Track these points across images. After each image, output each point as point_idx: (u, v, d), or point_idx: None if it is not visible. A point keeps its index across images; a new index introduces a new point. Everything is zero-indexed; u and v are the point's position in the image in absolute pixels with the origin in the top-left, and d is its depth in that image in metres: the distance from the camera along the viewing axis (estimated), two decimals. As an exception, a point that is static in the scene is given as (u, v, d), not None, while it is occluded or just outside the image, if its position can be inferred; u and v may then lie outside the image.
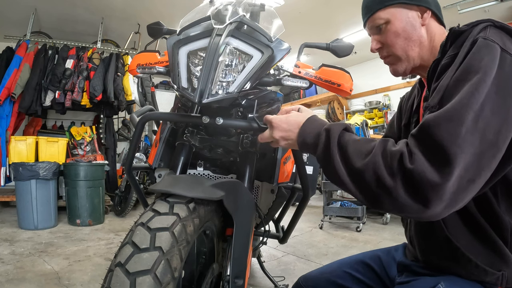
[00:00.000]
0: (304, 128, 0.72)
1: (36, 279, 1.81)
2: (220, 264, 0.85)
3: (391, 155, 0.56)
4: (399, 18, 0.79)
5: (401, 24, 0.79)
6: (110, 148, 4.55)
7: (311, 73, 1.09)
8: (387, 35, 0.81)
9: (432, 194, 0.52)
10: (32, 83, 3.89)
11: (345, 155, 0.62)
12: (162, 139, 1.13)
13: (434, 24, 0.81)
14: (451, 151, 0.52)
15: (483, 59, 0.58)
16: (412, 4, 0.79)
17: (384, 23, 0.81)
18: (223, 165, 1.14)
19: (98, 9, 4.16)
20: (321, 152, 0.67)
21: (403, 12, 0.79)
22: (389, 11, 0.80)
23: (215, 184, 0.75)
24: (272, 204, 1.22)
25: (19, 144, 3.48)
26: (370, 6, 0.84)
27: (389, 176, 0.55)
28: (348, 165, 0.61)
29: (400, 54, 0.81)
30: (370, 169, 0.57)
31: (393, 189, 0.54)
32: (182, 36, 0.86)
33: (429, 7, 0.79)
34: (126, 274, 0.53)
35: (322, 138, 0.67)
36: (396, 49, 0.81)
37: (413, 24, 0.79)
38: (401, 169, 0.54)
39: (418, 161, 0.53)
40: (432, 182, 0.51)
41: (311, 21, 4.44)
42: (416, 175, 0.52)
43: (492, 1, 3.76)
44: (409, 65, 0.82)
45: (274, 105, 1.05)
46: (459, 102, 0.56)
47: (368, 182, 0.57)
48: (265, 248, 2.53)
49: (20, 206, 3.00)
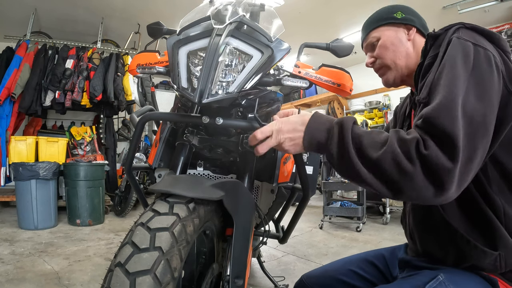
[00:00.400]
0: (312, 124, 0.71)
1: (36, 279, 1.81)
2: (220, 264, 0.85)
3: (407, 142, 0.60)
4: (387, 35, 0.94)
5: (390, 39, 0.93)
6: (110, 148, 4.55)
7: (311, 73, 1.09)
8: (378, 49, 0.95)
9: (447, 178, 0.57)
10: (32, 83, 3.90)
11: (361, 148, 0.63)
12: (162, 139, 1.13)
13: (420, 39, 0.94)
14: (454, 135, 0.58)
15: (459, 54, 0.68)
16: (399, 23, 0.94)
17: (376, 40, 0.96)
18: (223, 165, 1.14)
19: (98, 9, 4.16)
20: (334, 147, 0.66)
21: (391, 30, 0.95)
22: (380, 30, 0.96)
23: (215, 184, 0.75)
24: (272, 204, 1.22)
25: (19, 144, 3.48)
26: (365, 28, 1.00)
27: (409, 162, 0.58)
28: (365, 157, 0.62)
29: (389, 63, 0.94)
30: (389, 158, 0.60)
31: (413, 174, 0.58)
32: (182, 36, 0.86)
33: (414, 25, 0.93)
34: (126, 274, 0.53)
35: (334, 132, 0.67)
36: (385, 59, 0.94)
37: (400, 39, 0.93)
38: (419, 155, 0.58)
39: (431, 147, 0.58)
40: (446, 166, 0.57)
41: (311, 21, 4.44)
42: (433, 159, 0.57)
43: (492, 1, 3.76)
44: (398, 73, 0.93)
45: (274, 105, 1.05)
46: (448, 93, 0.63)
47: (387, 171, 0.60)
48: (265, 248, 2.53)
49: (20, 206, 3.00)
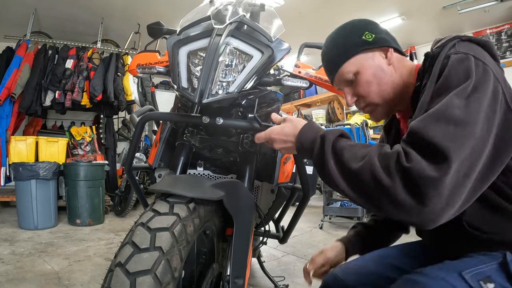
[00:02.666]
0: (301, 134, 0.74)
1: (36, 279, 1.81)
2: (220, 264, 0.85)
3: (387, 156, 0.57)
4: (366, 66, 0.79)
5: (370, 71, 0.79)
6: (110, 148, 4.54)
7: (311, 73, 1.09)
8: (360, 86, 0.80)
9: (430, 190, 0.52)
10: (32, 83, 3.89)
11: (340, 161, 0.63)
12: (162, 139, 1.13)
13: (398, 58, 0.82)
14: (445, 147, 0.54)
15: (460, 71, 0.62)
16: (373, 48, 0.79)
17: (353, 74, 0.80)
18: (223, 165, 1.14)
19: (98, 9, 4.16)
20: (316, 158, 0.69)
21: (368, 58, 0.79)
22: (355, 61, 0.80)
23: (215, 184, 0.75)
24: (272, 204, 1.22)
25: (19, 144, 3.47)
26: (334, 61, 0.83)
27: (387, 176, 0.55)
28: (344, 169, 0.62)
29: (377, 101, 0.81)
30: (367, 171, 0.58)
31: (391, 188, 0.54)
32: (182, 36, 0.86)
33: (389, 45, 0.80)
34: (126, 274, 0.53)
35: (317, 144, 0.69)
36: (372, 97, 0.81)
37: (381, 67, 0.79)
38: (398, 168, 0.55)
39: (415, 159, 0.54)
40: (431, 177, 0.52)
41: (311, 21, 4.44)
42: (415, 171, 0.53)
43: (492, 1, 3.76)
44: (388, 107, 0.83)
45: (274, 105, 1.05)
46: (442, 104, 0.59)
47: (365, 184, 0.58)
48: (265, 248, 2.52)
49: (20, 206, 3.00)
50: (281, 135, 0.78)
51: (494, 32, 4.28)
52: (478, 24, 4.32)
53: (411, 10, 4.06)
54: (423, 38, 4.84)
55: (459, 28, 4.46)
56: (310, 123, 0.76)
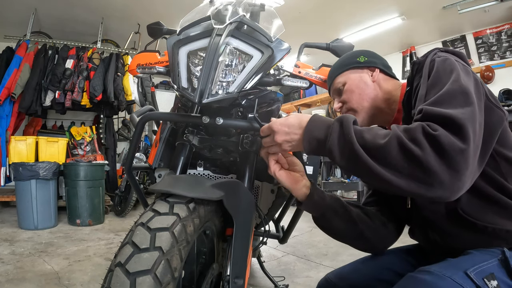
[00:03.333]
0: (311, 124, 0.72)
1: (36, 279, 1.81)
2: (220, 264, 0.85)
3: (411, 129, 0.59)
4: (352, 78, 0.97)
5: (355, 82, 0.96)
6: (110, 148, 4.55)
7: (311, 73, 1.09)
8: (345, 94, 0.97)
9: (461, 159, 0.55)
10: (32, 83, 3.89)
11: (364, 139, 0.63)
12: (162, 139, 1.12)
13: (384, 78, 0.98)
14: (461, 119, 0.57)
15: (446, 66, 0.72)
16: (362, 67, 0.98)
17: (342, 85, 0.98)
18: (223, 165, 1.14)
19: (98, 9, 4.16)
20: (335, 142, 0.66)
21: (356, 74, 0.98)
22: (345, 75, 0.99)
23: (215, 184, 0.75)
24: (272, 204, 1.22)
25: (19, 144, 3.47)
26: (331, 75, 1.03)
27: (416, 146, 0.56)
28: (369, 147, 0.61)
29: (355, 106, 0.95)
30: (394, 145, 0.58)
31: (422, 157, 0.56)
32: (182, 36, 0.86)
33: (376, 66, 0.97)
34: (126, 274, 0.53)
35: (335, 128, 0.67)
36: (352, 103, 0.96)
37: (365, 81, 0.96)
38: (427, 136, 0.57)
39: (439, 129, 0.57)
40: (459, 146, 0.55)
41: (311, 21, 4.44)
42: (444, 138, 0.55)
43: (492, 1, 3.75)
44: (366, 115, 0.95)
45: (274, 105, 1.05)
46: (446, 89, 0.66)
47: (394, 159, 0.58)
48: (265, 248, 2.53)
49: (20, 206, 3.00)
50: (284, 126, 0.75)
51: (494, 32, 4.28)
52: (478, 24, 4.31)
53: (411, 10, 4.06)
54: (423, 38, 4.83)
55: (459, 28, 4.46)
56: (317, 115, 0.76)
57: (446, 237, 0.80)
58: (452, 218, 0.76)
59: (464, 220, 0.74)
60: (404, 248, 1.00)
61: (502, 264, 0.65)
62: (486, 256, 0.68)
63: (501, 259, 0.66)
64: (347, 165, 0.66)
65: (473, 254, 0.70)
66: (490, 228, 0.71)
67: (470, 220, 0.73)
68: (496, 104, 0.72)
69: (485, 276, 0.62)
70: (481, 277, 0.62)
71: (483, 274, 0.63)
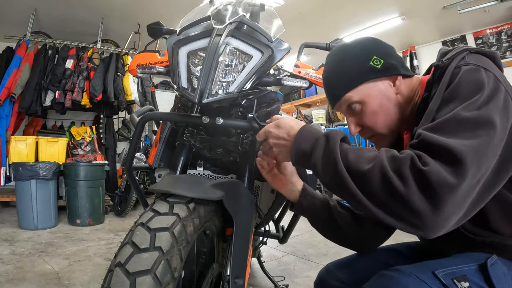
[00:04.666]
0: (300, 136, 0.69)
1: (36, 279, 1.81)
2: (220, 264, 0.85)
3: (399, 159, 0.54)
4: (373, 96, 0.76)
5: (377, 101, 0.76)
6: (110, 148, 4.54)
7: (311, 73, 1.09)
8: (366, 116, 0.77)
9: (448, 195, 0.50)
10: (32, 83, 3.89)
11: (347, 160, 0.59)
12: (162, 139, 1.12)
13: (406, 84, 0.78)
14: (460, 151, 0.52)
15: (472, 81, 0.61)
16: (382, 77, 0.76)
17: (358, 103, 0.77)
18: (223, 165, 1.14)
19: (98, 9, 4.16)
20: (320, 158, 0.63)
21: (375, 88, 0.76)
22: (360, 91, 0.76)
23: (215, 184, 0.75)
24: (272, 204, 1.22)
25: (19, 144, 3.47)
26: (338, 88, 0.79)
27: (400, 181, 0.52)
28: (352, 169, 0.58)
29: (384, 132, 0.79)
30: (377, 174, 0.54)
31: (405, 195, 0.51)
32: (182, 36, 0.86)
33: (398, 73, 0.77)
34: (126, 274, 0.53)
35: (321, 142, 0.65)
36: (378, 128, 0.78)
37: (388, 96, 0.76)
38: (414, 172, 0.52)
39: (431, 163, 0.52)
40: (450, 182, 0.50)
41: (311, 21, 4.44)
42: (433, 175, 0.50)
43: (492, 1, 3.75)
44: (394, 135, 0.81)
45: (274, 105, 1.05)
46: (456, 114, 0.58)
47: (376, 189, 0.54)
48: (265, 248, 2.53)
49: (20, 206, 3.00)
50: (276, 130, 0.74)
51: (494, 32, 4.28)
52: (478, 24, 4.31)
53: (411, 10, 4.06)
54: (423, 38, 4.84)
55: (459, 28, 4.46)
56: (308, 125, 0.72)
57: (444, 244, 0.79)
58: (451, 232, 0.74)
59: (462, 235, 0.72)
60: (407, 244, 0.99)
61: (480, 269, 0.64)
62: (467, 259, 0.67)
63: (481, 265, 0.65)
64: (330, 184, 0.62)
65: (456, 257, 0.70)
66: (488, 241, 0.70)
67: (469, 237, 0.72)
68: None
69: (455, 277, 0.62)
70: (450, 277, 0.62)
71: (453, 276, 0.62)
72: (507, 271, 0.66)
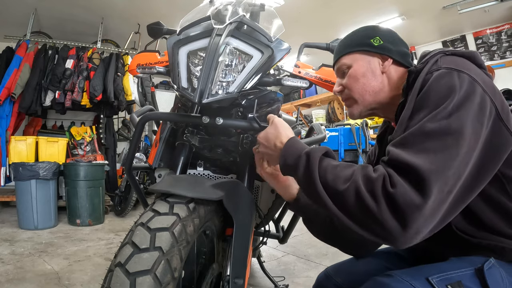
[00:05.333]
0: (286, 150, 0.73)
1: (36, 279, 1.81)
2: (220, 264, 0.85)
3: (372, 180, 0.57)
4: (360, 64, 0.83)
5: (361, 70, 0.83)
6: (110, 148, 4.54)
7: (311, 73, 1.09)
8: (348, 79, 0.85)
9: (415, 213, 0.53)
10: (32, 83, 3.89)
11: (325, 180, 0.63)
12: (162, 139, 1.12)
13: (396, 70, 0.83)
14: (425, 170, 0.54)
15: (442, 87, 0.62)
16: (374, 52, 0.83)
17: (347, 67, 0.85)
18: (223, 165, 1.14)
19: (98, 9, 4.16)
20: (301, 175, 0.67)
21: (365, 59, 0.83)
22: (352, 57, 0.85)
23: (215, 184, 0.75)
24: (272, 204, 1.22)
25: (19, 144, 3.47)
26: (337, 51, 0.89)
27: (373, 201, 0.56)
28: (329, 189, 0.61)
29: (356, 97, 0.84)
30: (352, 194, 0.58)
31: (378, 214, 0.55)
32: (182, 36, 0.86)
33: (390, 56, 0.82)
34: (126, 274, 0.53)
35: (302, 161, 0.68)
36: (354, 92, 0.84)
37: (373, 71, 0.82)
38: (384, 193, 0.55)
39: (398, 184, 0.55)
40: (415, 202, 0.53)
41: (311, 21, 4.44)
42: (399, 197, 0.54)
43: (492, 1, 3.76)
44: (364, 108, 0.85)
45: (274, 105, 1.05)
46: (421, 125, 0.59)
47: (351, 206, 0.58)
48: (265, 248, 2.52)
49: (20, 206, 3.00)
50: (264, 140, 0.79)
51: (494, 32, 4.28)
52: (478, 24, 4.31)
53: (411, 10, 4.06)
54: (423, 38, 4.84)
55: (459, 28, 4.46)
56: (293, 139, 0.74)
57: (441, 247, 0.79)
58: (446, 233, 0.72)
59: (458, 236, 0.72)
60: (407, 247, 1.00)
61: (477, 274, 0.64)
62: (464, 263, 0.67)
63: (477, 269, 0.65)
64: (312, 200, 0.66)
65: (452, 261, 0.70)
66: (485, 243, 0.70)
67: (463, 237, 0.72)
68: (508, 126, 0.63)
69: (450, 283, 0.62)
70: (444, 284, 0.62)
71: (448, 281, 0.63)
72: (505, 275, 0.65)
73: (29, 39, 4.13)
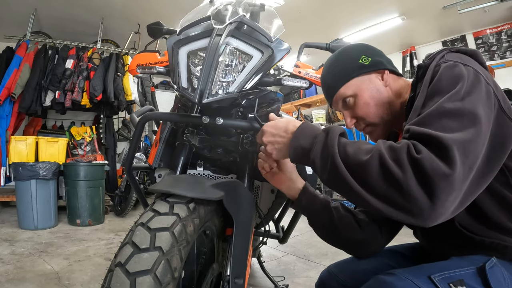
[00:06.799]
0: (299, 132, 0.71)
1: (36, 279, 1.81)
2: (220, 264, 0.85)
3: (396, 148, 0.56)
4: (364, 89, 0.83)
5: (368, 93, 0.83)
6: (110, 148, 4.55)
7: (311, 73, 1.09)
8: (358, 108, 0.85)
9: (444, 185, 0.51)
10: (32, 83, 3.89)
11: (345, 153, 0.60)
12: (162, 139, 1.12)
13: (394, 79, 0.86)
14: (448, 140, 0.53)
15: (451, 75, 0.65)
16: (370, 72, 0.84)
17: (351, 97, 0.85)
18: (223, 165, 1.14)
19: (98, 9, 4.16)
20: (318, 154, 0.65)
21: (365, 81, 0.84)
22: (352, 85, 0.84)
23: (215, 184, 0.75)
24: (272, 204, 1.22)
25: (19, 144, 3.47)
26: (331, 86, 0.88)
27: (398, 168, 0.53)
28: (350, 163, 0.59)
29: (377, 121, 0.85)
30: (375, 164, 0.55)
31: (404, 182, 0.52)
32: (182, 36, 0.86)
33: (385, 68, 0.85)
34: (126, 274, 0.53)
35: (320, 138, 0.66)
36: (371, 117, 0.85)
37: (378, 88, 0.84)
38: (410, 160, 0.53)
39: (423, 151, 0.53)
40: (442, 169, 0.51)
41: (311, 21, 4.44)
42: (426, 162, 0.51)
43: (492, 1, 3.75)
44: (386, 127, 0.86)
45: (274, 105, 1.05)
46: (439, 107, 0.60)
47: (374, 179, 0.55)
48: (265, 248, 2.53)
49: (20, 206, 3.00)
50: (272, 128, 0.77)
51: (494, 32, 4.28)
52: (478, 24, 4.31)
53: (411, 10, 4.06)
54: (423, 38, 4.83)
55: (459, 28, 4.46)
56: (307, 122, 0.75)
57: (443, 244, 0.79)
58: (449, 230, 0.73)
59: (461, 233, 0.72)
60: (409, 245, 0.99)
61: (478, 272, 0.64)
62: (466, 262, 0.67)
63: (479, 268, 0.64)
64: (328, 179, 0.63)
65: (454, 259, 0.69)
66: (488, 241, 0.70)
67: (467, 234, 0.71)
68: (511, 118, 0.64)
69: (452, 282, 0.62)
70: (446, 282, 0.62)
71: (450, 280, 0.62)
72: (507, 274, 0.65)
73: (29, 39, 4.13)
